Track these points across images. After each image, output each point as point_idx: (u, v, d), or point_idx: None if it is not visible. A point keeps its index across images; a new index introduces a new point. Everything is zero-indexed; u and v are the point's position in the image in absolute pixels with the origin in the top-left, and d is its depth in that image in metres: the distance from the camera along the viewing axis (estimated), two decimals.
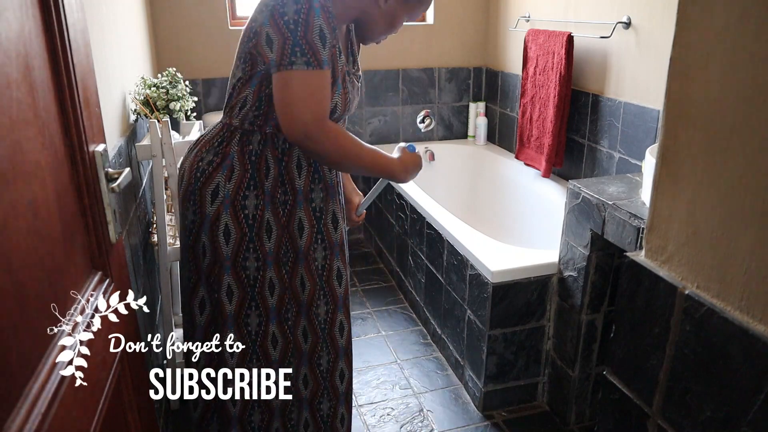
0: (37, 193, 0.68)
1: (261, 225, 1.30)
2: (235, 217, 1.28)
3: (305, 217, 1.34)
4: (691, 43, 0.72)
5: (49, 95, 0.74)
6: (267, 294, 1.34)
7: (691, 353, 0.75)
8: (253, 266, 1.31)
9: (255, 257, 1.30)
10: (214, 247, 1.29)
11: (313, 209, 1.35)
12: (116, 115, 1.68)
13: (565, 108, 2.39)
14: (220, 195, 1.27)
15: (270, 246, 1.32)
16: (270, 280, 1.33)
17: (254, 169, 1.28)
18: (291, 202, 1.32)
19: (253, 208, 1.28)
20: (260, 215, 1.29)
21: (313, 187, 1.34)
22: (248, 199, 1.28)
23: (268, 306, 1.34)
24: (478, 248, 1.91)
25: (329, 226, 1.38)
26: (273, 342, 1.37)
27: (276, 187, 1.30)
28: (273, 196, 1.30)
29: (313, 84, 1.16)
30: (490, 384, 1.93)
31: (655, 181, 0.80)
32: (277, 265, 1.33)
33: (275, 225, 1.31)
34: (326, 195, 1.36)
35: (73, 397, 0.70)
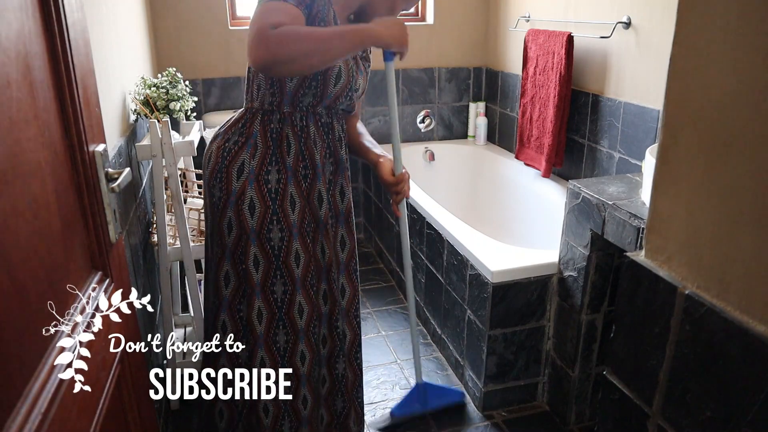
0: (37, 193, 0.68)
1: (284, 198, 1.39)
2: (259, 191, 1.37)
3: (324, 189, 1.44)
4: (691, 43, 0.72)
5: (49, 95, 0.74)
6: (293, 264, 1.42)
7: (691, 353, 0.75)
8: (278, 237, 1.39)
9: (279, 228, 1.39)
10: (240, 220, 1.38)
11: (326, 180, 1.45)
12: (116, 115, 1.68)
13: (565, 108, 2.39)
14: (246, 171, 1.37)
15: (294, 218, 1.40)
16: (296, 251, 1.41)
17: (275, 146, 1.38)
18: (311, 176, 1.42)
19: (275, 183, 1.38)
20: (283, 189, 1.39)
21: (325, 162, 1.44)
22: (270, 174, 1.38)
23: (295, 276, 1.42)
24: (478, 248, 1.91)
25: (336, 197, 1.50)
26: (299, 310, 1.45)
27: (298, 162, 1.39)
28: (295, 170, 1.40)
29: (268, 8, 1.19)
30: (490, 384, 1.93)
31: (655, 181, 0.80)
32: (302, 236, 1.42)
33: (298, 197, 1.41)
34: (336, 168, 1.47)
35: (73, 397, 0.70)
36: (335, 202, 1.50)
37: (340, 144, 1.48)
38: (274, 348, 1.46)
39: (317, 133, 1.41)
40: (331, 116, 1.44)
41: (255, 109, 1.39)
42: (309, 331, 1.47)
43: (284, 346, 1.46)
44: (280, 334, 1.45)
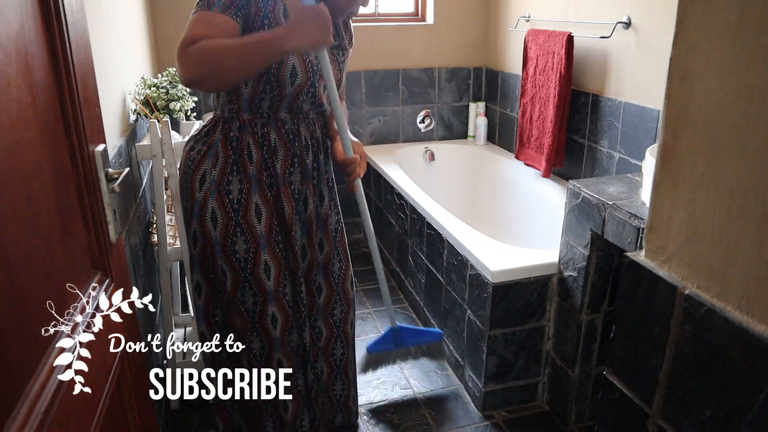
0: (37, 193, 0.68)
1: (248, 209, 1.35)
2: (220, 202, 1.34)
3: (285, 200, 1.40)
4: (691, 43, 0.72)
5: (49, 95, 0.74)
6: (262, 276, 1.39)
7: (691, 353, 0.75)
8: (242, 248, 1.36)
9: (244, 240, 1.36)
10: (204, 231, 1.36)
11: (292, 191, 1.40)
12: (116, 115, 1.68)
13: (565, 108, 2.39)
14: (207, 182, 1.34)
15: (261, 229, 1.37)
16: (265, 262, 1.38)
17: (236, 155, 1.34)
18: (276, 185, 1.38)
19: (237, 193, 1.34)
20: (246, 199, 1.35)
21: (291, 171, 1.39)
22: (232, 184, 1.34)
23: (265, 287, 1.40)
24: (478, 248, 1.91)
25: (308, 205, 1.47)
26: (273, 320, 1.43)
27: (261, 170, 1.35)
28: (259, 179, 1.35)
29: (192, 22, 1.19)
30: (490, 384, 1.93)
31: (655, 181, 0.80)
32: (270, 246, 1.38)
33: (264, 207, 1.37)
34: (302, 178, 1.42)
35: (73, 397, 0.70)
36: (305, 212, 1.47)
37: (308, 151, 1.42)
38: (251, 355, 1.45)
39: (279, 140, 1.36)
40: (297, 122, 1.39)
41: (217, 117, 1.37)
42: (285, 340, 1.46)
43: (260, 352, 1.45)
44: (255, 341, 1.45)
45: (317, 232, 1.53)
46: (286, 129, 1.37)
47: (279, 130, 1.36)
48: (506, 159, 2.97)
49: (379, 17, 3.18)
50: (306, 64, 1.31)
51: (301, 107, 1.37)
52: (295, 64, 1.29)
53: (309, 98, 1.36)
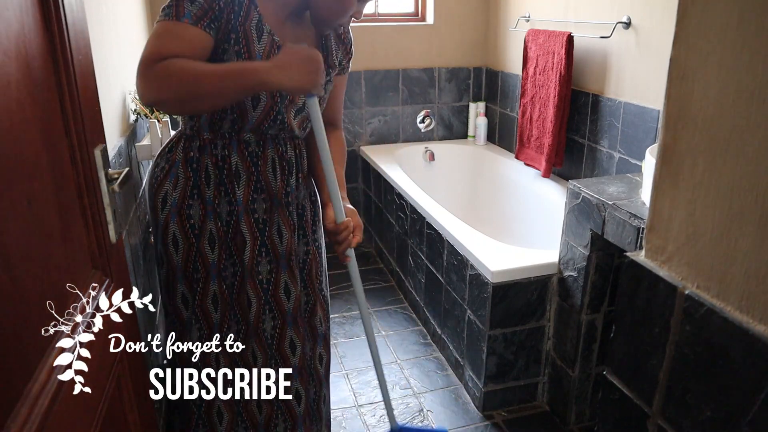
0: (37, 193, 0.68)
1: (203, 235, 1.25)
2: (181, 226, 1.25)
3: (246, 230, 1.26)
4: (691, 43, 0.72)
5: (49, 95, 0.74)
6: (210, 308, 1.29)
7: (691, 353, 0.75)
8: (199, 276, 1.27)
9: (198, 269, 1.27)
10: (167, 255, 1.27)
11: (255, 220, 1.26)
12: (116, 115, 1.68)
13: (565, 108, 2.39)
14: (168, 203, 1.25)
15: (213, 258, 1.27)
16: (213, 293, 1.29)
17: (196, 177, 1.23)
18: (235, 213, 1.25)
19: (197, 218, 1.25)
20: (201, 225, 1.25)
21: (255, 197, 1.26)
22: (192, 209, 1.24)
23: (212, 321, 1.30)
24: (478, 248, 1.91)
25: (274, 238, 1.29)
26: (216, 360, 1.31)
27: (216, 197, 1.24)
28: (214, 205, 1.25)
29: (158, 32, 1.06)
30: (490, 384, 1.93)
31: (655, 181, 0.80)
32: (220, 279, 1.28)
33: (217, 237, 1.26)
34: (270, 206, 1.27)
35: (73, 397, 0.70)
36: (272, 243, 1.29)
37: (275, 175, 1.26)
38: (192, 403, 1.34)
39: (241, 163, 1.23)
40: (264, 143, 1.24)
41: (180, 133, 1.26)
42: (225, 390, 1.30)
43: (201, 402, 1.33)
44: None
45: (297, 264, 1.36)
46: (250, 151, 1.24)
47: (242, 153, 1.23)
48: (506, 159, 2.97)
49: (379, 17, 3.18)
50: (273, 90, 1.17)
51: (266, 131, 1.24)
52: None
53: (277, 124, 1.24)
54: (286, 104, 1.23)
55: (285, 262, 1.31)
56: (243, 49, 1.14)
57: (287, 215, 1.30)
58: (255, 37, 1.14)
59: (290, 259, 1.32)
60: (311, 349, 1.43)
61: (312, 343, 1.43)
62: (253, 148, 1.24)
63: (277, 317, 1.34)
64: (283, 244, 1.30)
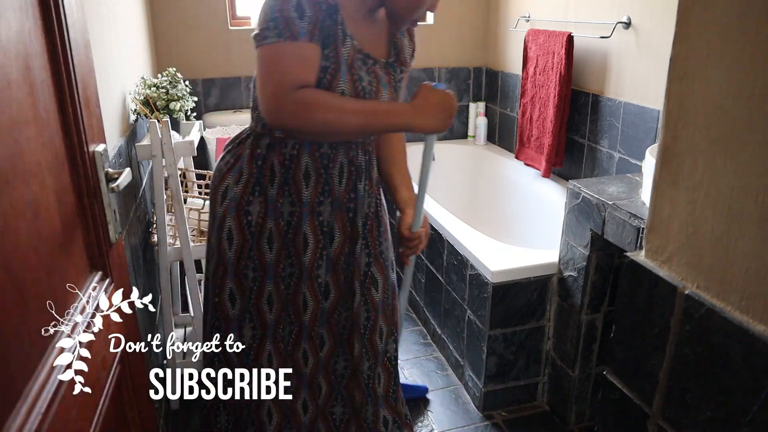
0: (37, 193, 0.68)
1: (262, 234, 1.24)
2: (238, 221, 1.24)
3: (310, 232, 1.25)
4: (691, 43, 0.72)
5: (49, 95, 0.74)
6: (265, 308, 1.28)
7: (691, 353, 0.75)
8: (251, 276, 1.26)
9: (253, 267, 1.26)
10: (220, 249, 1.26)
11: (320, 223, 1.25)
12: (116, 115, 1.68)
13: (565, 108, 2.39)
14: (228, 197, 1.24)
15: (270, 258, 1.25)
16: (269, 293, 1.27)
17: (260, 174, 1.22)
18: (297, 214, 1.23)
19: (256, 215, 1.23)
20: (261, 223, 1.23)
21: (321, 200, 1.24)
22: (252, 205, 1.23)
23: (266, 321, 1.29)
24: (478, 248, 1.91)
25: (326, 240, 1.28)
26: (268, 359, 1.31)
27: (279, 196, 1.23)
28: (276, 205, 1.23)
29: (280, 53, 1.07)
30: (490, 384, 1.93)
31: (655, 181, 0.81)
32: (276, 280, 1.27)
33: (276, 236, 1.24)
34: (334, 210, 1.26)
35: (73, 397, 0.70)
36: (335, 243, 1.28)
37: (341, 179, 1.25)
38: (242, 402, 1.34)
39: (312, 164, 1.21)
40: (336, 147, 1.23)
41: (251, 129, 1.25)
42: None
43: (249, 402, 1.32)
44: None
45: (346, 271, 1.33)
46: (321, 153, 1.22)
47: (313, 154, 1.21)
48: (506, 159, 2.97)
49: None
50: (357, 91, 1.16)
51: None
52: (345, 89, 1.14)
53: None
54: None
55: (331, 265, 1.30)
56: (332, 53, 1.13)
57: (345, 221, 1.28)
58: (341, 41, 1.14)
59: (337, 263, 1.30)
60: (370, 368, 1.38)
61: (372, 360, 1.37)
62: (325, 149, 1.22)
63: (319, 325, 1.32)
64: (333, 247, 1.29)
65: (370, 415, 1.41)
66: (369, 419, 1.41)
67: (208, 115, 2.89)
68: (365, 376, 1.37)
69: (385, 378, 1.41)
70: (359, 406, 1.40)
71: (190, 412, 1.91)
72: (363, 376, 1.37)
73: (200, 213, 1.91)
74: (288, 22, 1.06)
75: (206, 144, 2.70)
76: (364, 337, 1.35)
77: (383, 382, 1.41)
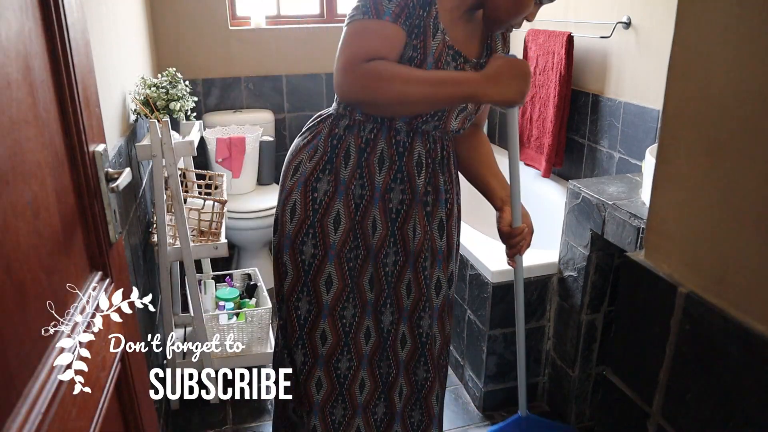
0: (36, 193, 0.68)
1: (327, 213, 1.24)
2: (303, 197, 1.25)
3: (379, 216, 1.25)
4: (691, 43, 0.72)
5: (49, 95, 0.74)
6: (322, 287, 1.28)
7: (691, 353, 0.75)
8: (310, 252, 1.26)
9: (313, 244, 1.25)
10: (282, 222, 1.28)
11: (389, 210, 1.25)
12: (116, 115, 1.68)
13: (565, 108, 2.40)
14: (299, 171, 1.26)
15: (335, 239, 1.24)
16: (328, 274, 1.26)
17: (332, 154, 1.23)
18: (368, 197, 1.23)
19: (322, 193, 1.24)
20: (328, 202, 1.23)
21: (393, 186, 1.23)
22: (320, 182, 1.24)
23: (321, 300, 1.28)
24: (478, 248, 1.91)
25: (407, 233, 1.27)
26: (322, 338, 1.31)
27: (353, 178, 1.22)
28: (348, 186, 1.23)
29: (361, 29, 1.09)
30: (490, 384, 1.93)
31: (655, 181, 0.81)
32: (338, 260, 1.26)
33: (344, 217, 1.24)
34: (411, 200, 1.25)
35: (73, 397, 0.70)
36: (404, 238, 1.26)
37: (420, 171, 1.23)
38: (295, 366, 1.35)
39: (387, 150, 1.21)
40: (413, 135, 1.22)
41: (332, 110, 1.27)
42: (330, 362, 1.31)
43: (301, 367, 1.33)
44: (298, 354, 1.32)
45: (429, 267, 1.32)
46: (398, 140, 1.21)
47: (389, 140, 1.21)
48: (506, 159, 2.96)
49: None
50: None
51: (420, 125, 1.22)
52: None
53: (434, 120, 1.21)
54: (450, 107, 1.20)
55: (413, 260, 1.29)
56: (420, 44, 1.13)
57: (424, 215, 1.27)
58: (431, 34, 1.13)
59: (418, 259, 1.29)
60: (429, 380, 1.39)
61: (430, 374, 1.39)
62: (402, 137, 1.22)
63: (395, 312, 1.33)
64: (415, 241, 1.28)
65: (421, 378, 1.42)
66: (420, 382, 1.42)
67: (208, 115, 2.89)
68: (421, 369, 1.39)
69: (431, 377, 1.42)
70: (421, 385, 1.41)
71: (190, 412, 1.91)
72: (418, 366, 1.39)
73: (200, 213, 1.91)
74: (376, 3, 1.08)
75: (206, 144, 2.70)
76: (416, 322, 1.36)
77: (430, 380, 1.42)
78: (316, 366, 1.32)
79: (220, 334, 1.94)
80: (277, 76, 3.04)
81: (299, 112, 3.12)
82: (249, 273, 2.40)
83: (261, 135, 2.80)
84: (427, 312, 1.34)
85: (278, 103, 3.08)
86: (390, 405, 1.40)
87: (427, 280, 1.32)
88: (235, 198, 2.68)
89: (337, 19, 3.15)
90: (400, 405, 1.40)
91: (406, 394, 1.40)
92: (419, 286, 1.31)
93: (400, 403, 1.40)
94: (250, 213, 2.58)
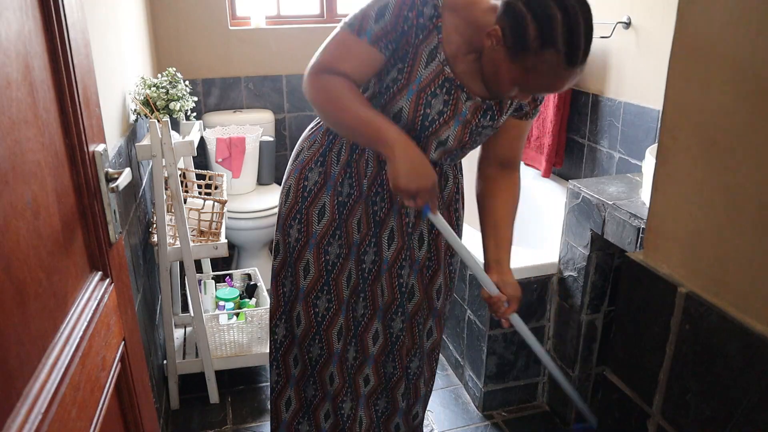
0: (37, 193, 0.68)
1: (314, 203, 1.30)
2: (297, 183, 1.31)
3: (363, 216, 1.29)
4: (691, 43, 0.72)
5: (49, 95, 0.74)
6: (301, 272, 1.34)
7: (691, 353, 0.75)
8: (295, 236, 1.32)
9: (298, 229, 1.32)
10: (281, 202, 1.35)
11: (373, 213, 1.28)
12: (116, 115, 1.68)
13: (565, 108, 2.40)
14: (299, 158, 1.32)
15: (317, 228, 1.30)
16: (307, 261, 1.33)
17: (327, 148, 1.28)
18: (355, 196, 1.28)
19: (312, 183, 1.29)
20: (316, 193, 1.29)
21: (378, 191, 1.26)
22: (312, 173, 1.29)
23: (299, 285, 1.36)
24: (479, 248, 1.91)
25: (383, 240, 1.30)
26: (297, 320, 1.40)
27: (340, 175, 1.27)
28: (336, 181, 1.27)
29: (339, 40, 1.12)
30: (490, 384, 1.93)
31: (655, 181, 0.81)
32: (317, 250, 1.32)
33: (329, 211, 1.29)
34: (389, 209, 1.28)
35: (73, 397, 0.70)
36: (380, 244, 1.30)
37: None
38: (273, 340, 1.45)
39: (372, 155, 1.23)
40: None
41: None
42: (303, 345, 1.41)
43: (281, 342, 1.44)
44: (280, 328, 1.43)
45: (405, 275, 1.34)
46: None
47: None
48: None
49: None
50: (416, 114, 1.15)
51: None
52: (404, 107, 1.14)
53: (419, 144, 1.18)
54: (427, 134, 1.18)
55: (387, 267, 1.32)
56: (406, 68, 1.13)
57: (402, 225, 1.29)
58: (423, 61, 1.12)
59: (393, 266, 1.32)
60: (417, 362, 1.46)
61: (418, 358, 1.45)
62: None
63: (368, 308, 1.38)
64: (390, 250, 1.31)
65: (414, 368, 1.47)
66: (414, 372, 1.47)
67: (208, 115, 2.89)
68: (412, 366, 1.46)
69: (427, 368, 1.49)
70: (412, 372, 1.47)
71: (190, 412, 1.91)
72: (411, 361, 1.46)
73: (200, 213, 1.91)
74: (363, 19, 1.10)
75: (206, 144, 2.70)
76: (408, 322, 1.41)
77: (425, 379, 1.51)
78: (293, 343, 1.42)
79: (220, 334, 1.94)
80: (277, 76, 3.04)
81: (299, 112, 3.12)
82: (249, 273, 2.40)
83: (261, 135, 2.80)
84: (399, 316, 1.38)
85: (278, 103, 3.08)
86: (356, 396, 1.47)
87: (402, 287, 1.35)
88: (235, 198, 2.68)
89: (337, 19, 3.14)
90: (365, 392, 1.47)
91: (373, 385, 1.47)
92: (392, 291, 1.36)
93: (365, 390, 1.47)
94: (250, 213, 2.58)
